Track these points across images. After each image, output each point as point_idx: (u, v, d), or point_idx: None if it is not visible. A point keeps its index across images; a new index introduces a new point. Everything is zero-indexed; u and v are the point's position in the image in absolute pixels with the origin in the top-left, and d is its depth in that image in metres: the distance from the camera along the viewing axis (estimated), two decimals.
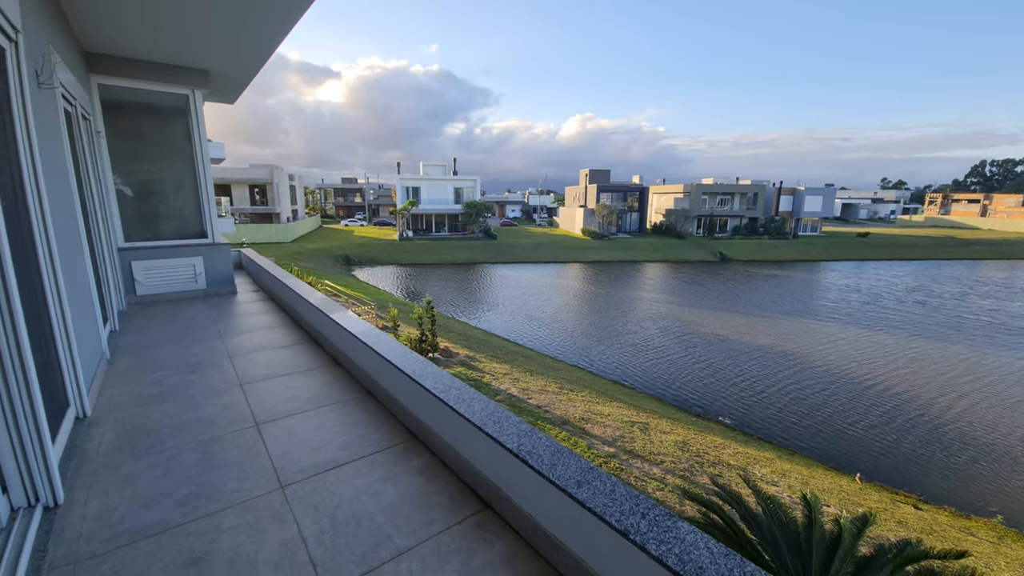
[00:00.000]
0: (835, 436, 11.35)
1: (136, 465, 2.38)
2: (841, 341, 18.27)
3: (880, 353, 16.85)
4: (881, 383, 14.13)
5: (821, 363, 15.75)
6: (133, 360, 3.81)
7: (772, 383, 14.10)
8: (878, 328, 20.28)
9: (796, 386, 13.90)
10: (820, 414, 12.31)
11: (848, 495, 8.81)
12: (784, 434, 11.63)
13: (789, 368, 15.26)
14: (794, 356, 16.44)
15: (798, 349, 17.19)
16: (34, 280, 2.37)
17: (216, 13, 4.28)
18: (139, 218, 6.23)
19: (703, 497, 5.53)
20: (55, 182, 3.00)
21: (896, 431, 11.42)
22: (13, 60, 2.42)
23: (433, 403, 2.45)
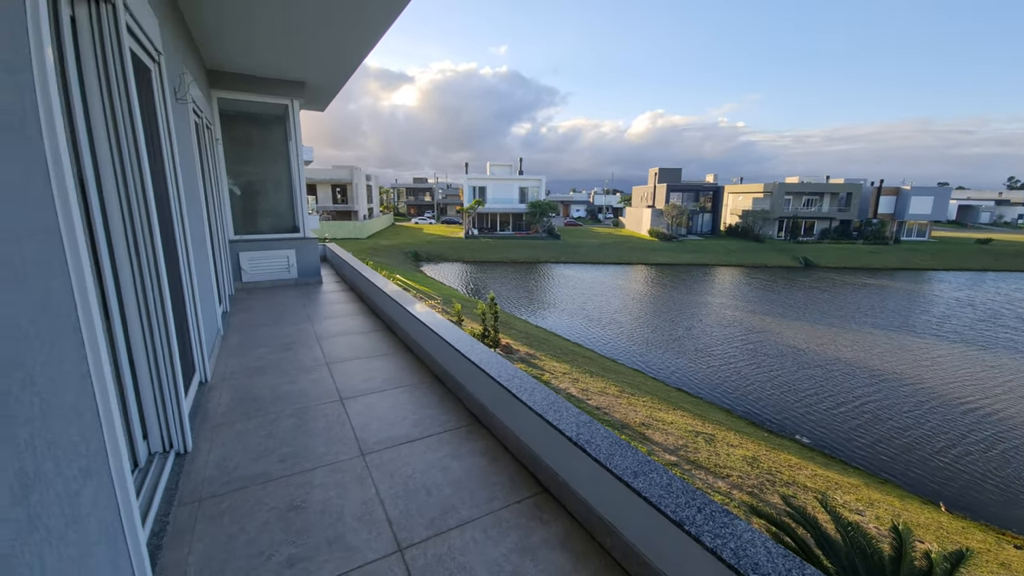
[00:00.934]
0: (922, 462, 10.11)
1: (246, 425, 2.78)
2: (944, 361, 16.12)
3: (991, 377, 14.65)
4: (990, 409, 12.30)
5: (919, 384, 14.03)
6: (241, 337, 4.39)
7: (860, 403, 12.81)
8: (992, 349, 17.62)
9: (887, 407, 12.52)
10: (908, 436, 11.02)
11: (947, 532, 7.82)
12: (874, 460, 10.54)
13: (879, 387, 13.77)
14: (886, 375, 14.78)
15: (891, 367, 15.43)
16: (176, 266, 2.84)
17: (313, 34, 4.78)
18: (244, 214, 7.08)
19: (773, 516, 5.23)
20: (189, 182, 3.56)
21: (995, 461, 9.92)
22: (157, 78, 2.92)
23: (497, 390, 2.60)
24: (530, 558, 1.78)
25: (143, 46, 2.64)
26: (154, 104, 2.80)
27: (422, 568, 1.72)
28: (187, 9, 4.18)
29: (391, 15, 4.29)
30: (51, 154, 1.22)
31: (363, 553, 1.79)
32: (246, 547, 1.81)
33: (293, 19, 4.39)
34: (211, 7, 4.14)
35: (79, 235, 1.32)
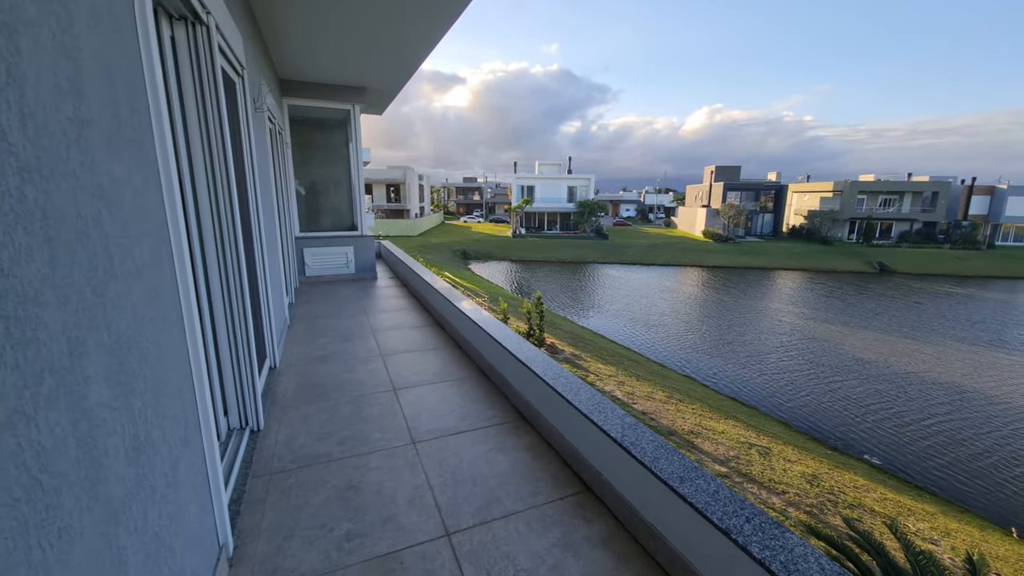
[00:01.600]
0: (1000, 487, 9.03)
1: (309, 408, 3.01)
2: None
3: None
4: None
5: (1008, 404, 12.52)
6: (305, 327, 4.73)
7: (938, 422, 11.65)
8: None
9: (969, 429, 11.29)
10: (989, 460, 9.88)
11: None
12: (952, 486, 9.57)
13: (961, 407, 12.43)
14: (970, 393, 13.32)
15: (977, 385, 13.88)
16: (252, 261, 3.12)
17: (375, 42, 5.04)
18: (308, 213, 7.58)
19: (834, 538, 4.90)
20: (264, 185, 3.88)
21: None
22: (240, 90, 3.21)
23: (542, 388, 2.65)
24: (572, 554, 1.82)
25: (230, 62, 2.92)
26: (238, 115, 3.09)
27: (468, 553, 1.81)
28: (264, 25, 4.55)
29: (447, 22, 4.44)
30: (162, 165, 1.41)
31: (414, 534, 1.90)
32: (310, 519, 1.98)
33: (356, 30, 4.66)
34: (284, 22, 4.48)
35: (182, 235, 1.51)
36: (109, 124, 1.10)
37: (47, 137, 0.84)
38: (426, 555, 1.80)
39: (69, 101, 0.93)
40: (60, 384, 0.82)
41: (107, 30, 1.14)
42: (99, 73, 1.07)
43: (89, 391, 0.92)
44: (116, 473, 1.00)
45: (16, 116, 0.74)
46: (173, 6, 2.04)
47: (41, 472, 0.75)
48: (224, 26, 2.62)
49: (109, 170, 1.08)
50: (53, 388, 0.80)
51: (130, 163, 1.20)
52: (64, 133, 0.90)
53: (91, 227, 0.97)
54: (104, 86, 1.09)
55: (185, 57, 2.20)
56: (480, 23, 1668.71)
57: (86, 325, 0.92)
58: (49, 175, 0.84)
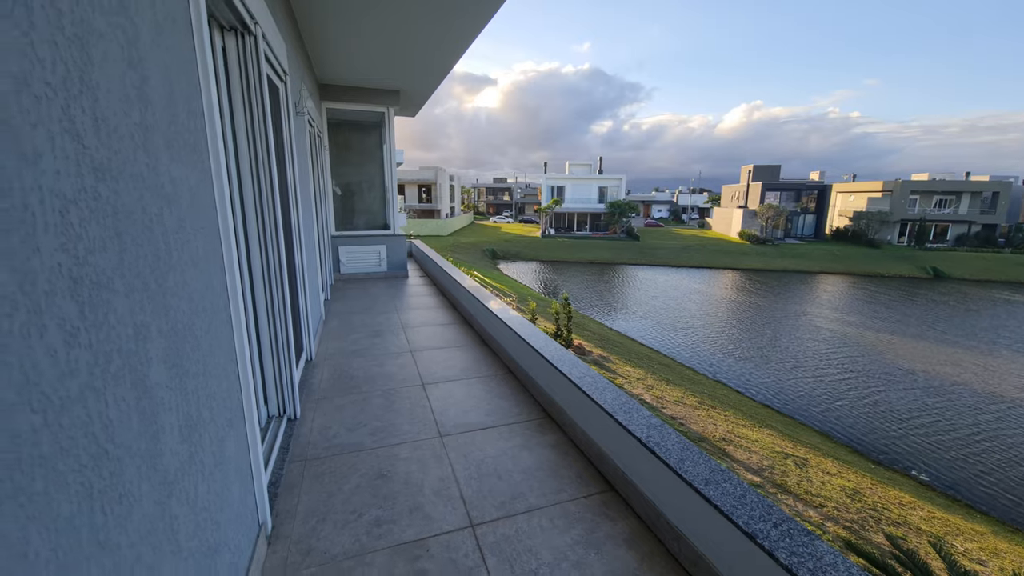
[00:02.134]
0: None
1: (343, 400, 3.13)
2: None
3: None
4: None
5: None
6: (339, 323, 4.91)
7: (994, 439, 10.86)
8: None
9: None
10: None
11: None
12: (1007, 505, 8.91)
13: (1020, 423, 11.54)
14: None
15: None
16: (292, 258, 3.28)
17: (408, 46, 5.17)
18: (343, 212, 7.84)
19: (875, 556, 4.68)
20: (303, 185, 4.06)
21: None
22: (284, 95, 3.37)
23: (568, 387, 2.66)
24: (595, 551, 1.83)
25: (274, 68, 3.08)
26: (280, 118, 3.25)
27: (491, 545, 1.85)
28: (305, 32, 4.76)
29: (479, 24, 4.51)
30: (214, 166, 1.52)
31: (439, 524, 1.96)
32: (343, 504, 2.07)
33: (391, 36, 4.80)
34: (324, 30, 4.67)
35: (231, 231, 1.61)
36: (169, 128, 1.20)
37: (117, 140, 0.93)
38: (451, 544, 1.85)
39: (136, 107, 1.02)
40: (126, 364, 0.91)
41: (168, 42, 1.24)
42: (161, 81, 1.17)
43: (151, 371, 1.01)
44: (171, 448, 1.09)
45: (90, 120, 0.83)
46: (225, 18, 2.18)
47: (107, 442, 0.83)
48: (270, 35, 2.77)
49: (169, 170, 1.17)
50: (120, 367, 0.89)
51: (187, 164, 1.30)
52: (132, 137, 1.00)
53: (154, 223, 1.07)
54: (166, 93, 1.19)
55: (235, 65, 2.35)
56: (511, 24, 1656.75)
57: (149, 311, 1.01)
58: (119, 175, 0.93)
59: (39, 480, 0.64)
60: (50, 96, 0.70)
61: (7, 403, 0.59)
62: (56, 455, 0.68)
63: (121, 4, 0.98)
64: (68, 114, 0.75)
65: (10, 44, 0.62)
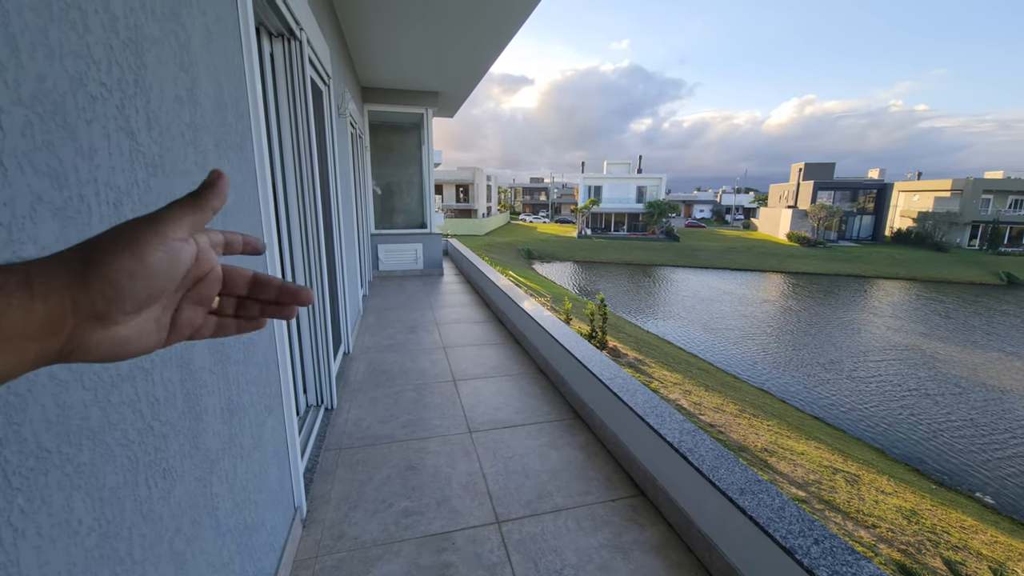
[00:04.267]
0: None
1: (376, 392, 3.22)
2: None
3: None
4: None
5: None
6: (376, 318, 5.06)
7: None
8: None
9: None
10: None
11: None
12: None
13: None
14: None
15: None
16: (332, 255, 3.41)
17: (446, 48, 5.25)
18: (383, 211, 8.07)
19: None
20: (344, 185, 4.21)
21: None
22: (327, 98, 3.50)
23: (598, 387, 2.62)
24: (621, 556, 1.79)
25: (318, 72, 3.20)
26: (323, 120, 3.38)
27: (516, 543, 1.84)
28: (349, 37, 4.93)
29: (515, 25, 4.52)
30: (259, 165, 1.60)
31: (466, 518, 1.98)
32: (374, 493, 2.13)
33: (428, 37, 4.89)
34: (366, 35, 4.81)
35: (273, 227, 1.69)
36: (218, 129, 1.27)
37: (169, 139, 0.99)
38: (476, 539, 1.86)
39: (187, 108, 1.09)
40: (174, 348, 0.97)
41: (217, 47, 1.31)
42: (211, 84, 1.24)
43: (195, 355, 1.07)
44: (213, 428, 1.16)
45: (143, 120, 0.89)
46: (272, 24, 2.29)
47: (153, 419, 0.89)
48: (314, 41, 2.88)
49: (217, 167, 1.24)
50: (168, 351, 0.95)
51: (233, 162, 1.37)
52: (182, 135, 1.06)
53: None
54: (215, 95, 1.26)
55: (281, 69, 2.46)
56: (550, 24, 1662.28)
57: None
58: (171, 171, 0.99)
59: (86, 451, 0.69)
60: (105, 96, 0.76)
61: (61, 380, 0.64)
62: (104, 429, 0.74)
63: (173, 11, 1.05)
64: (123, 113, 0.81)
65: (65, 45, 0.67)
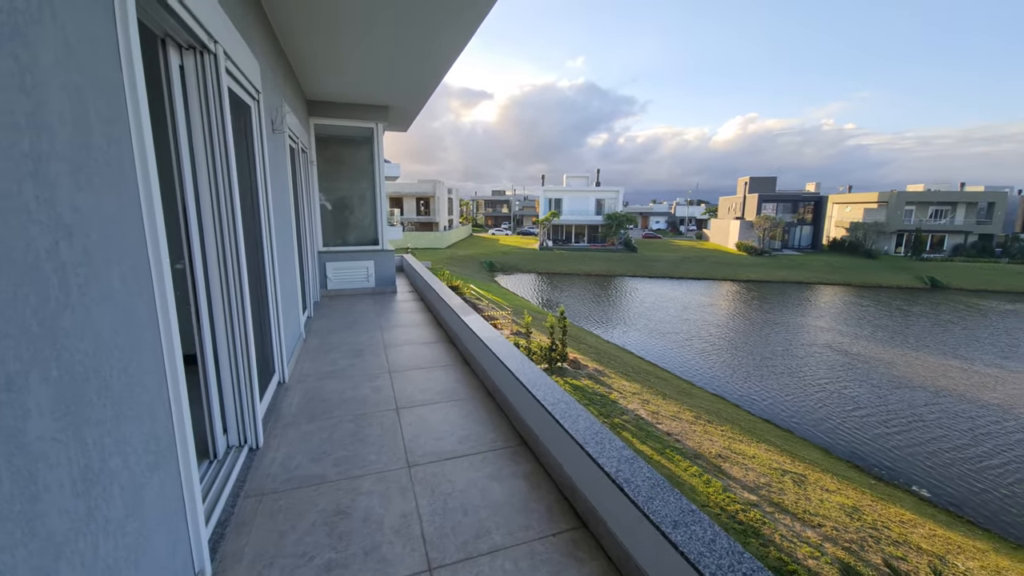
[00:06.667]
0: None
1: (311, 426, 3.01)
2: None
3: None
4: None
5: None
6: (319, 342, 4.80)
7: (994, 453, 10.67)
8: None
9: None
10: None
11: None
12: (1008, 521, 8.71)
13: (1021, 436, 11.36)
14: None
15: None
16: (262, 279, 3.19)
17: (394, 64, 5.16)
18: (333, 228, 7.78)
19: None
20: (280, 203, 3.99)
21: None
22: (256, 114, 3.31)
23: (541, 413, 2.55)
24: None
25: (244, 87, 3.02)
26: (251, 136, 3.19)
27: None
28: (290, 51, 4.74)
29: (462, 39, 4.50)
30: (144, 190, 1.43)
31: (395, 568, 1.83)
32: (294, 546, 1.94)
33: (373, 51, 4.78)
34: (307, 47, 4.65)
35: (164, 260, 1.52)
36: (77, 155, 1.11)
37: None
38: None
39: (26, 137, 0.94)
40: None
41: (82, 64, 1.16)
42: (69, 105, 1.09)
43: (28, 425, 0.91)
44: (59, 506, 0.98)
45: None
46: (181, 37, 2.12)
47: None
48: (236, 54, 2.71)
49: (73, 200, 1.08)
50: None
51: (101, 191, 1.21)
52: (17, 168, 0.91)
53: (43, 259, 0.97)
54: (74, 117, 1.11)
55: (193, 84, 2.28)
56: (508, 39, 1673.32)
57: (28, 359, 0.91)
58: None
59: None
60: None
61: None
62: None
63: (15, 30, 0.91)
64: None
65: None
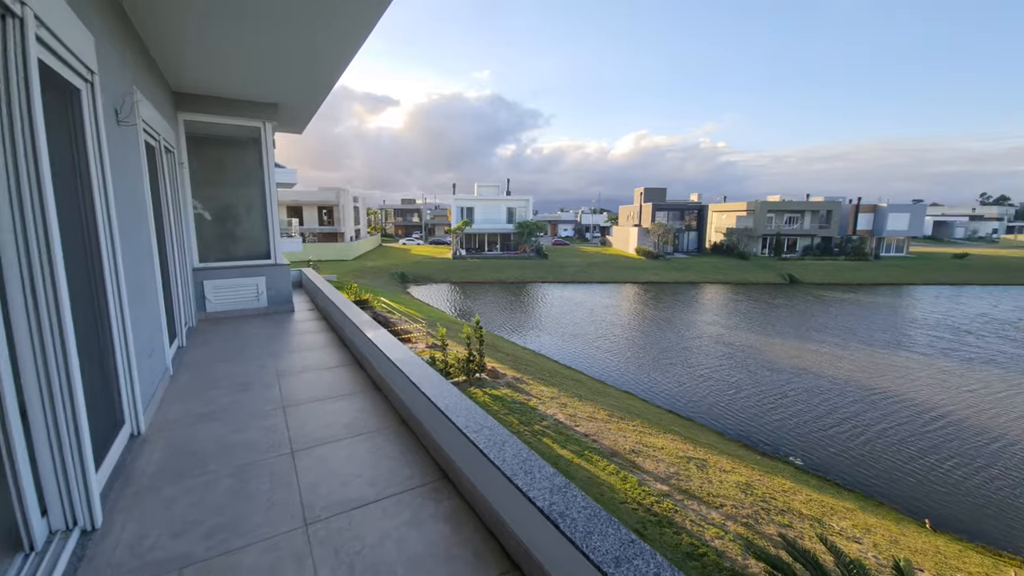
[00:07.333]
0: (899, 476, 9.90)
1: (175, 488, 2.42)
2: (932, 375, 16.14)
3: (980, 389, 14.66)
4: (1000, 430, 12.22)
5: (914, 401, 13.96)
6: (192, 377, 4.02)
7: (847, 420, 12.65)
8: (978, 363, 17.73)
9: (872, 423, 12.39)
10: (903, 454, 10.88)
11: (944, 557, 7.56)
12: (864, 480, 10.34)
13: (867, 404, 13.66)
14: (873, 391, 14.71)
15: (877, 383, 15.39)
16: (99, 305, 2.52)
17: (282, 57, 4.59)
18: (213, 240, 6.74)
19: (771, 555, 4.94)
20: (128, 209, 3.25)
21: (983, 476, 9.77)
22: (88, 99, 2.63)
23: (463, 443, 2.30)
24: None
25: (68, 63, 2.37)
26: (80, 126, 2.52)
27: None
28: (145, 30, 3.95)
29: (358, 37, 4.12)
30: None
31: None
32: None
33: (255, 41, 4.19)
34: (170, 29, 3.92)
35: None
36: None
37: None
38: None
39: None
40: None
41: None
42: None
43: None
44: None
45: None
46: None
47: None
48: (57, 22, 2.11)
49: None
50: None
51: None
52: None
53: None
54: None
55: None
56: (411, 46, 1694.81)
57: None
58: None
59: None
60: None
61: None
62: None
63: None
64: None
65: None
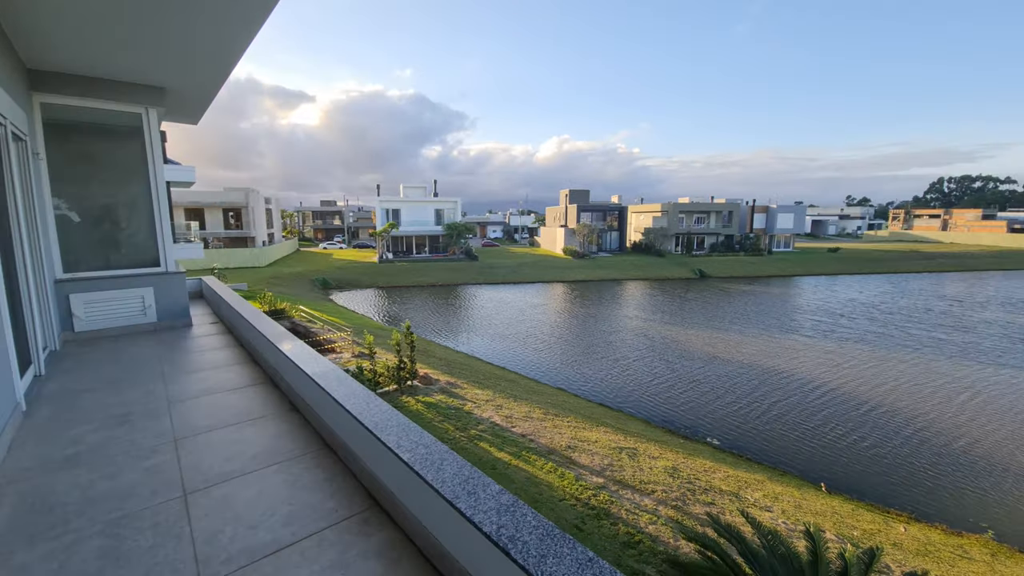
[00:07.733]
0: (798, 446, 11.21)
1: (29, 555, 1.90)
2: (817, 354, 18.41)
3: (858, 366, 16.99)
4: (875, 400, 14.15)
5: (804, 378, 15.77)
6: (53, 412, 3.29)
7: (756, 399, 13.97)
8: (852, 341, 20.57)
9: (776, 400, 13.83)
10: (799, 426, 12.25)
11: (841, 517, 8.58)
12: (769, 452, 11.47)
13: (770, 383, 15.22)
14: (774, 371, 16.44)
15: (777, 364, 17.23)
16: None
17: (168, 28, 3.95)
18: (84, 246, 5.69)
19: (700, 534, 5.21)
20: None
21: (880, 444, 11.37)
22: None
23: (397, 464, 2.06)
24: None
25: None
26: None
27: None
28: None
29: (259, 13, 3.65)
30: None
31: None
32: None
33: (138, 8, 3.56)
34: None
35: None
36: None
37: None
38: None
39: None
40: None
41: None
42: None
43: None
44: None
45: None
46: None
47: None
48: None
49: None
50: None
51: None
52: None
53: None
54: None
55: None
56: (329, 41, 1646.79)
57: None
58: None
59: None
60: None
61: None
62: None
63: None
64: None
65: None
